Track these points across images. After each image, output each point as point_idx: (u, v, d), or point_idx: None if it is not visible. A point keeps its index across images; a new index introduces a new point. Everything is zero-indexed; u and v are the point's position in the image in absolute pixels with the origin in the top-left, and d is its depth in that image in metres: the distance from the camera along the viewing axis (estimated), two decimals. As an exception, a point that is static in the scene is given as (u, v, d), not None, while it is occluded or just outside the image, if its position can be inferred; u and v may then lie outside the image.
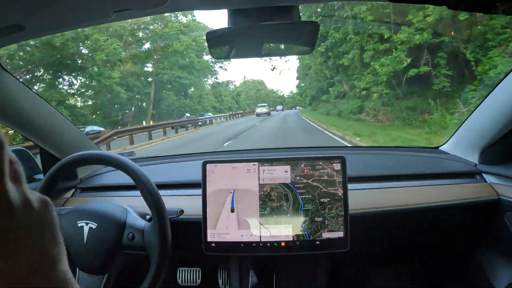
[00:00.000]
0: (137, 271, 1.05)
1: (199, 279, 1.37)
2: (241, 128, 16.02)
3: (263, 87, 77.88)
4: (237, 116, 36.45)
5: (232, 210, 1.03)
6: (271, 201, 1.03)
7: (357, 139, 9.27)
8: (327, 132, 12.17)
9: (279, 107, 56.23)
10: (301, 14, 0.84)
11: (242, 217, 1.03)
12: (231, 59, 1.07)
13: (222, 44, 0.89)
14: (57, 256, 0.34)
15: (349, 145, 8.03)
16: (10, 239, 0.30)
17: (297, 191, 1.03)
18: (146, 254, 0.93)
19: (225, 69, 55.98)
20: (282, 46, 0.94)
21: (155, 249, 0.91)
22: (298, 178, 1.03)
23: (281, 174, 1.04)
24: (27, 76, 19.93)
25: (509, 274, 1.09)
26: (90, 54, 22.89)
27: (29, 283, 0.31)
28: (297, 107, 57.15)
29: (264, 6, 0.79)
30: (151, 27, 29.93)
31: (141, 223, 0.96)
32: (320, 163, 1.03)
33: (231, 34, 0.86)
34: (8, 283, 0.30)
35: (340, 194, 1.02)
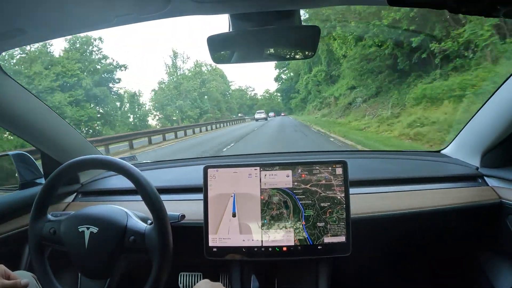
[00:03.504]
0: (138, 275, 1.05)
1: None
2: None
3: (216, 77, 45.28)
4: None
5: (234, 215, 1.03)
6: (270, 210, 1.03)
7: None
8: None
9: (271, 114, 46.54)
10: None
11: (243, 221, 1.03)
12: (232, 64, 1.06)
13: (223, 48, 0.89)
14: None
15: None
16: None
17: (296, 197, 1.03)
18: (148, 257, 0.93)
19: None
20: (284, 51, 0.94)
21: (156, 252, 0.90)
22: (296, 183, 1.03)
23: (283, 178, 1.03)
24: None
25: None
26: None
27: None
28: (282, 114, 47.06)
29: (265, 11, 0.80)
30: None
31: (142, 226, 0.96)
32: (317, 167, 1.03)
33: (232, 38, 0.86)
34: None
35: (339, 197, 1.02)
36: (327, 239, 1.01)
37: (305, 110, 32.56)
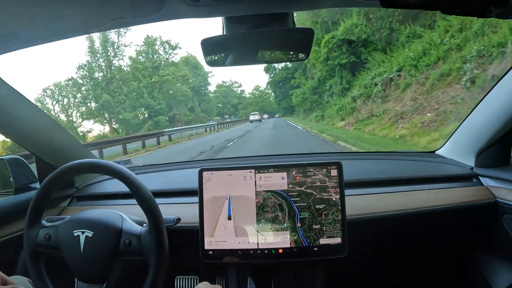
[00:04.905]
0: (135, 279, 1.04)
1: None
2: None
3: (183, 64, 34.80)
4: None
5: (229, 218, 1.03)
6: (265, 212, 1.03)
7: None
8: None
9: (265, 116, 40.92)
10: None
11: (239, 224, 1.02)
12: (227, 66, 1.07)
13: (217, 51, 0.89)
14: None
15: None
16: None
17: (291, 199, 1.02)
18: (144, 259, 0.92)
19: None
20: (277, 53, 0.94)
21: (152, 253, 0.90)
22: (291, 186, 1.03)
23: (278, 181, 1.03)
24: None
25: (508, 276, 1.09)
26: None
27: None
28: (277, 115, 41.32)
29: (259, 13, 0.80)
30: None
31: (137, 228, 0.95)
32: (312, 169, 1.03)
33: (226, 41, 0.86)
34: None
35: (334, 199, 1.02)
36: (323, 241, 1.01)
37: (327, 110, 17.15)
